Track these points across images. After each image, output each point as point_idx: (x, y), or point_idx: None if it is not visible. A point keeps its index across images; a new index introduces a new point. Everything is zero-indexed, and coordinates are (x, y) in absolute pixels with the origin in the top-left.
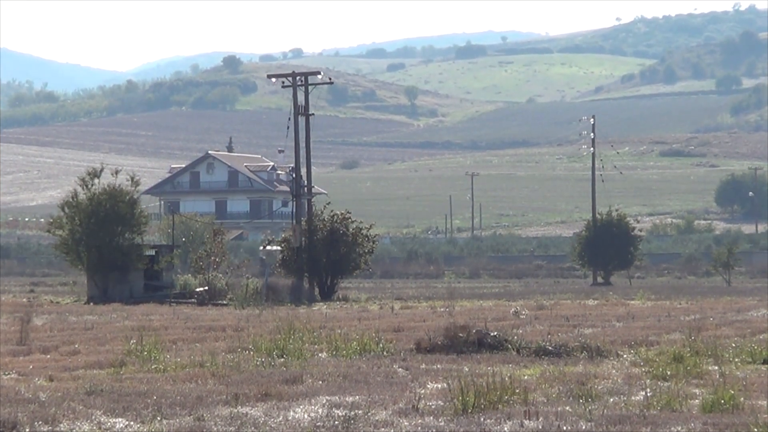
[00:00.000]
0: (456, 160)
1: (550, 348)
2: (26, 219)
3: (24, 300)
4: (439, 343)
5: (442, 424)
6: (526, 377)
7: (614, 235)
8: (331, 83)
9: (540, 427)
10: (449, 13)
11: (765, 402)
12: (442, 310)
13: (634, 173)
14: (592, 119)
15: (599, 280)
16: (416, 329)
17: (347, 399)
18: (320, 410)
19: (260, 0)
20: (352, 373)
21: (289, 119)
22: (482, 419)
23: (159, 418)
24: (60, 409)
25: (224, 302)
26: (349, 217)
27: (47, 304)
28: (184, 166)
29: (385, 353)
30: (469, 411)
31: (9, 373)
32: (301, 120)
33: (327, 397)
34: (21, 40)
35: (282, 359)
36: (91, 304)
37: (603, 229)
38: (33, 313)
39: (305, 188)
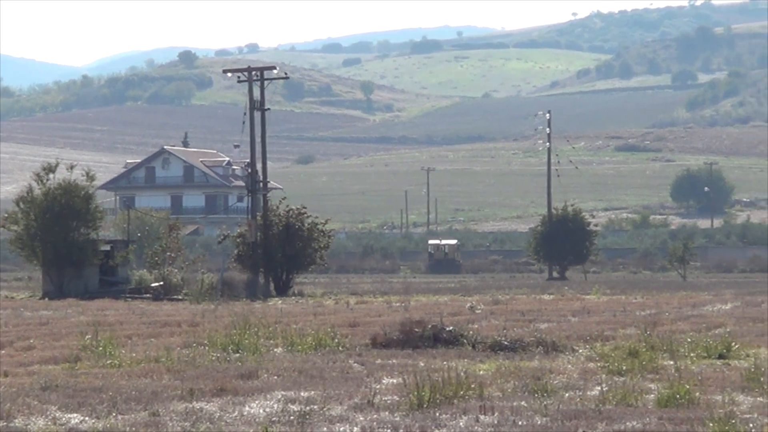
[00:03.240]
0: (412, 155)
1: (505, 343)
2: None
3: None
4: (395, 338)
5: (398, 419)
6: (481, 372)
7: (570, 230)
8: (287, 78)
9: (495, 422)
10: (405, 9)
11: (720, 397)
12: (397, 305)
13: (590, 168)
14: (547, 114)
15: (555, 275)
16: (372, 324)
17: (303, 394)
18: (276, 405)
19: None
20: (308, 368)
21: (245, 114)
22: (438, 414)
23: (114, 414)
24: (15, 404)
25: (180, 297)
26: (305, 212)
27: (2, 300)
28: (139, 161)
29: (340, 348)
30: (425, 406)
31: None
32: (257, 115)
33: (282, 392)
34: None
35: (237, 354)
36: (47, 299)
37: (559, 224)
38: None
39: (261, 183)
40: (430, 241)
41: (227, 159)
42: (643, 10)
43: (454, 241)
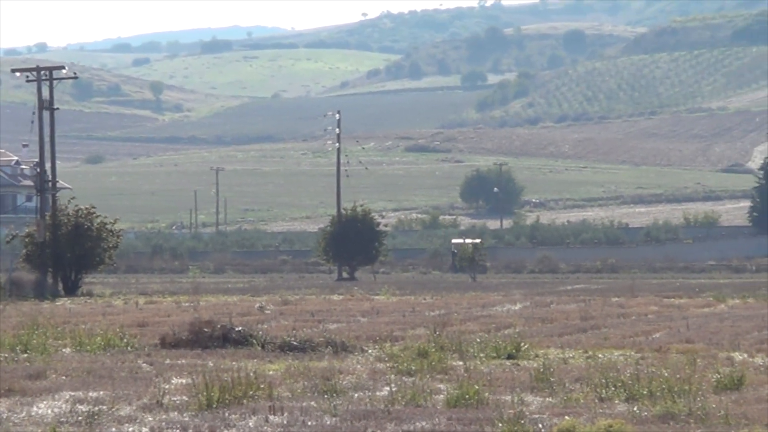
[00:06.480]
0: (201, 155)
1: (295, 343)
2: None
3: None
4: (184, 338)
5: (187, 419)
6: (271, 372)
7: (359, 231)
8: (76, 78)
9: (285, 422)
10: (194, 9)
11: (510, 397)
12: (186, 305)
13: (380, 168)
14: (337, 114)
15: (344, 275)
16: (161, 324)
17: (91, 394)
18: (64, 406)
19: None
20: (97, 369)
21: (34, 114)
22: (227, 414)
23: None
24: None
25: None
26: (94, 212)
27: None
28: None
29: (129, 348)
30: (214, 406)
31: None
32: (46, 114)
33: (71, 393)
34: None
35: (25, 355)
36: None
37: (348, 224)
38: None
39: (49, 183)
40: (454, 241)
41: (15, 158)
42: (433, 11)
43: (477, 240)
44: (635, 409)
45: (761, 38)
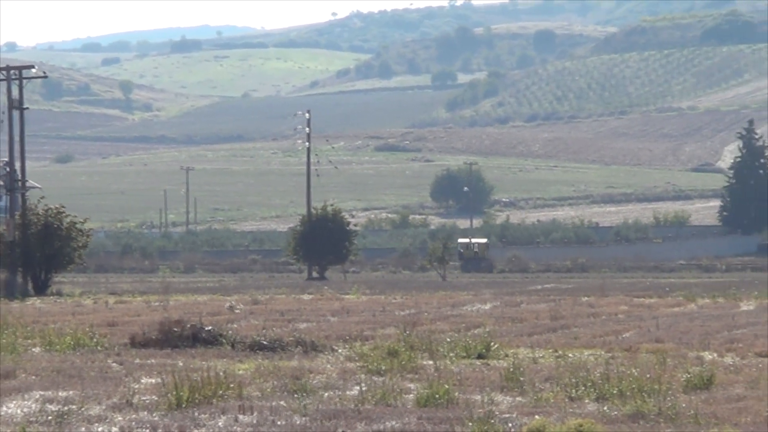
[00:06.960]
0: (171, 154)
1: (265, 343)
2: None
3: None
4: (154, 337)
5: (156, 419)
6: (241, 372)
7: (329, 230)
8: (46, 77)
9: (255, 421)
10: (164, 8)
11: (480, 396)
12: (156, 304)
13: (350, 168)
14: (307, 114)
15: (314, 274)
16: (131, 324)
17: (61, 394)
18: (33, 405)
19: None
20: (66, 368)
21: (3, 113)
22: (196, 414)
23: None
24: None
25: None
26: (64, 212)
27: None
28: None
29: (99, 348)
30: (184, 406)
31: None
32: (15, 114)
33: (40, 392)
34: None
35: None
36: None
37: (318, 223)
38: None
39: (19, 182)
40: (460, 240)
41: None
42: (403, 11)
43: (484, 240)
44: (605, 408)
45: (731, 38)
